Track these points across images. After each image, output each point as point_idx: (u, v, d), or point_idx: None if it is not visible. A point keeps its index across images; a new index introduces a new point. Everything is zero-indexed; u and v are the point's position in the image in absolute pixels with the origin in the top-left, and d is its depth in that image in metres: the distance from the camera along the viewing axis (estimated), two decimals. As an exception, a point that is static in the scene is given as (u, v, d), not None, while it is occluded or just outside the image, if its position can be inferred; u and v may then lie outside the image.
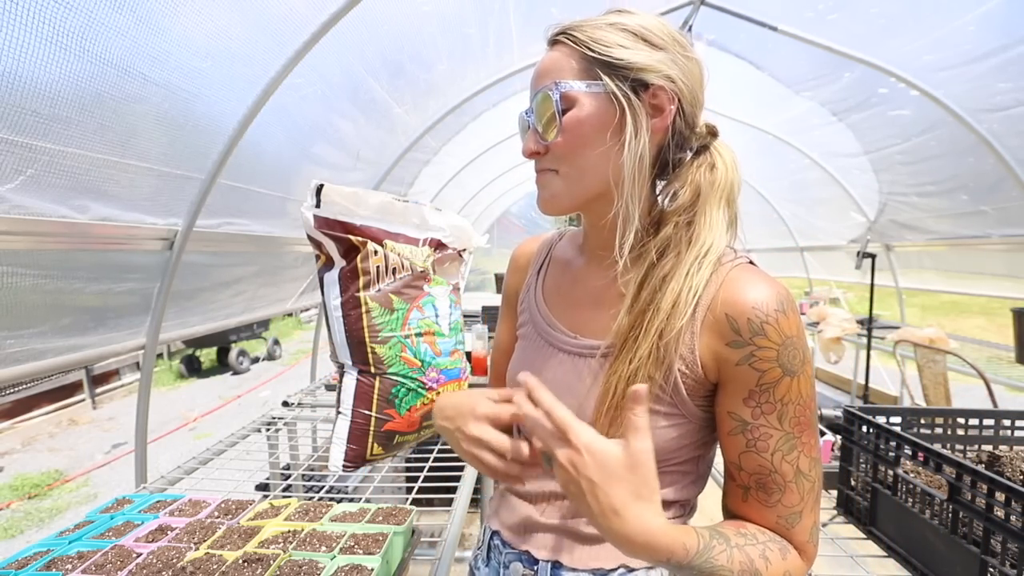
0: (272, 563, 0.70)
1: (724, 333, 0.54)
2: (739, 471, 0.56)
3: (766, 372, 0.52)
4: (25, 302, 1.29)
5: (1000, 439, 1.09)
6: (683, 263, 0.56)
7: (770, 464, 0.53)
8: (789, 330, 0.52)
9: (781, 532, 0.54)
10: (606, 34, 0.57)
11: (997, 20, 2.08)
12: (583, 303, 0.67)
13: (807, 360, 0.53)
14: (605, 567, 0.61)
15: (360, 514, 0.84)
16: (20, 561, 0.72)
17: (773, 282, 0.55)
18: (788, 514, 0.54)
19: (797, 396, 0.53)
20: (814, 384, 0.55)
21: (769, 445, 0.53)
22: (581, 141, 0.58)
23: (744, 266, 0.57)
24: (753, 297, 0.53)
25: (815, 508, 0.55)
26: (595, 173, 0.59)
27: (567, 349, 0.65)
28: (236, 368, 7.39)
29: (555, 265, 0.76)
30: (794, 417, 0.53)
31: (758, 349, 0.52)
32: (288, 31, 1.69)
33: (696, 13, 2.67)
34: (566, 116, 0.58)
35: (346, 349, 1.06)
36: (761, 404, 0.53)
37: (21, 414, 5.44)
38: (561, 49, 0.59)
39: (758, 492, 0.55)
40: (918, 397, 2.29)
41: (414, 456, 1.36)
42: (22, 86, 1.09)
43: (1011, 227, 2.95)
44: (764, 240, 6.16)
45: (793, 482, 0.53)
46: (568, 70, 0.58)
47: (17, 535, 3.38)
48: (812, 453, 0.54)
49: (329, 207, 1.00)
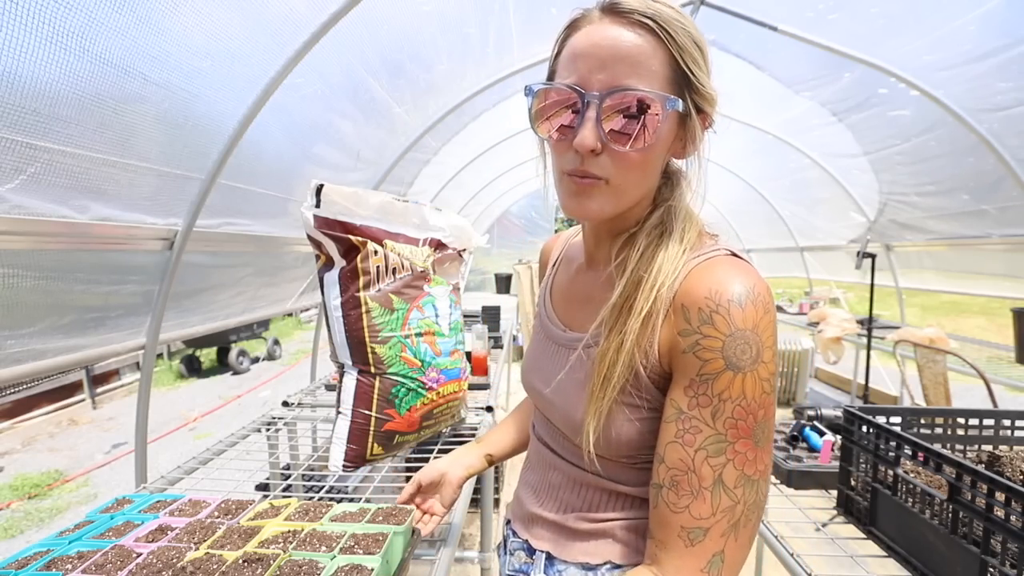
0: (272, 563, 0.70)
1: (678, 322, 0.53)
2: (660, 464, 0.52)
3: (708, 362, 0.49)
4: (25, 302, 1.29)
5: (1000, 439, 1.09)
6: (656, 261, 0.56)
7: (690, 461, 0.49)
8: (742, 323, 0.49)
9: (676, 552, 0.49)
10: (688, 43, 0.53)
11: (997, 20, 2.08)
12: (578, 299, 0.70)
13: (761, 360, 0.48)
14: (592, 562, 0.63)
15: (360, 514, 0.85)
16: (20, 561, 0.72)
17: (741, 275, 0.52)
18: (692, 527, 0.48)
19: (739, 395, 0.48)
20: (768, 392, 0.49)
21: (695, 440, 0.49)
22: (649, 159, 0.55)
23: (716, 258, 0.55)
24: (708, 287, 0.51)
25: (729, 538, 0.48)
26: (640, 191, 0.59)
27: (559, 342, 0.69)
28: (236, 368, 7.39)
29: (563, 263, 0.79)
30: (730, 418, 0.48)
31: (703, 338, 0.50)
32: (288, 31, 1.69)
33: (696, 13, 2.68)
34: (646, 125, 0.52)
35: (346, 349, 1.07)
36: (698, 395, 0.50)
37: (21, 414, 5.44)
38: (645, 36, 0.52)
39: (669, 493, 0.50)
40: (918, 397, 2.29)
41: (414, 456, 1.37)
42: (22, 85, 1.09)
43: (1011, 227, 2.95)
44: (764, 240, 6.16)
45: (709, 490, 0.48)
46: (655, 74, 0.52)
47: (17, 535, 3.38)
48: (746, 469, 0.48)
49: (329, 207, 1.00)
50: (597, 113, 0.52)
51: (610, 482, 0.63)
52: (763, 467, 0.49)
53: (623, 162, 0.54)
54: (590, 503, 0.65)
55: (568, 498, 0.67)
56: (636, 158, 0.54)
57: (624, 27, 0.52)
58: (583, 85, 0.52)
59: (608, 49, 0.51)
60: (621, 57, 0.51)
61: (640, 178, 0.57)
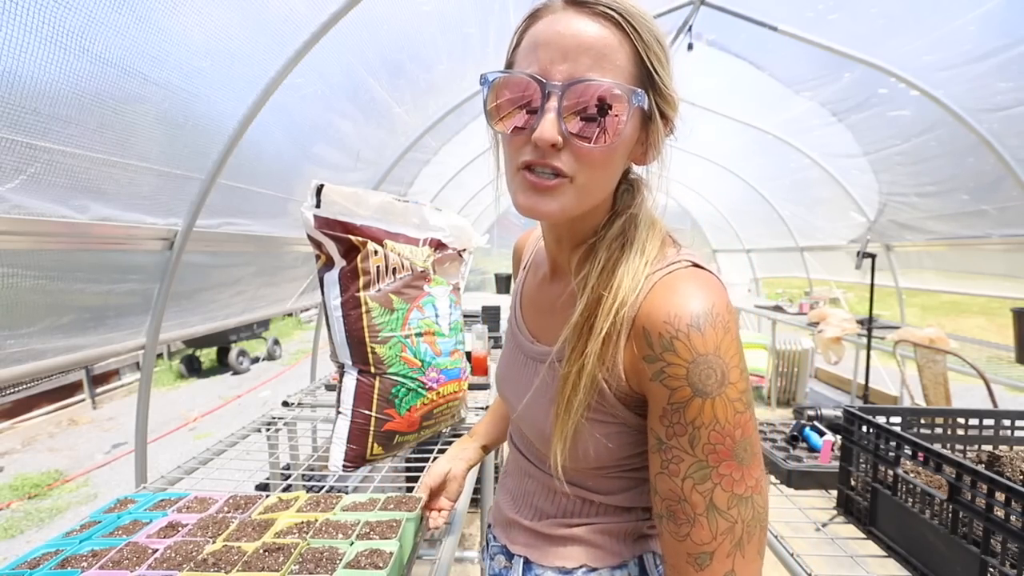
0: (293, 551, 0.71)
1: (640, 346, 0.51)
2: (655, 496, 0.52)
3: (676, 391, 0.48)
4: (25, 302, 1.29)
5: (1000, 439, 1.09)
6: (616, 277, 0.54)
7: (680, 491, 0.48)
8: (703, 348, 0.47)
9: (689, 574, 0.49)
10: (652, 40, 0.51)
11: (997, 20, 2.08)
12: (544, 310, 0.69)
13: (728, 382, 0.47)
14: (568, 566, 0.64)
15: (370, 504, 0.87)
16: (31, 562, 0.72)
17: (700, 293, 0.50)
18: (698, 552, 0.48)
19: (711, 420, 0.47)
20: (742, 411, 0.48)
21: (680, 469, 0.48)
22: (613, 158, 0.53)
23: (677, 273, 0.53)
24: (666, 311, 0.49)
25: (735, 556, 0.47)
26: (601, 191, 0.56)
27: (528, 354, 0.68)
28: (236, 368, 7.39)
29: (532, 268, 0.78)
30: (708, 444, 0.47)
31: (667, 366, 0.48)
32: (288, 31, 1.69)
33: (696, 13, 2.68)
34: (610, 121, 0.49)
35: (346, 349, 1.07)
36: (673, 424, 0.49)
37: (21, 414, 5.44)
38: (610, 29, 0.50)
39: (668, 522, 0.50)
40: (918, 397, 2.29)
41: (414, 456, 1.36)
42: (22, 85, 1.09)
43: (1011, 227, 2.95)
44: (764, 240, 6.16)
45: (704, 516, 0.47)
46: (620, 69, 0.50)
47: (17, 535, 3.38)
48: (735, 489, 0.47)
49: (329, 207, 1.00)
50: (559, 105, 0.49)
51: (583, 490, 0.64)
52: (753, 482, 0.48)
53: (586, 159, 0.51)
54: (564, 510, 0.66)
55: (543, 505, 0.68)
56: (600, 155, 0.51)
57: (588, 18, 0.49)
58: (544, 75, 0.49)
59: (571, 39, 0.49)
60: (585, 48, 0.49)
61: (604, 177, 0.54)
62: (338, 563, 0.70)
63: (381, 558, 0.71)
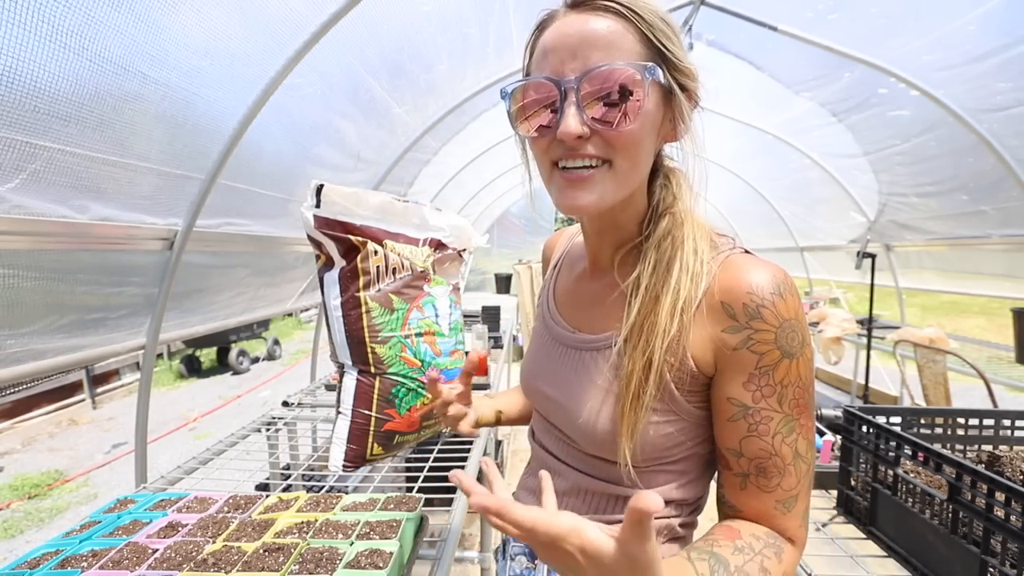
0: (293, 551, 0.71)
1: (720, 320, 0.54)
2: (739, 458, 0.55)
3: (765, 355, 0.52)
4: (25, 302, 1.29)
5: (1000, 439, 1.09)
6: (672, 277, 0.56)
7: (771, 447, 0.53)
8: (787, 312, 0.52)
9: (777, 518, 0.54)
10: (657, 20, 0.53)
11: (997, 20, 2.08)
12: (585, 303, 0.69)
13: (806, 342, 0.53)
14: None
15: (370, 504, 0.87)
16: (31, 562, 0.72)
17: (769, 266, 0.54)
18: (786, 498, 0.54)
19: (796, 378, 0.53)
20: (812, 367, 0.55)
21: (770, 428, 0.53)
22: (641, 136, 0.54)
23: (737, 256, 0.57)
24: (748, 282, 0.53)
25: (808, 491, 0.56)
26: (638, 173, 0.57)
27: (568, 343, 0.67)
28: (236, 368, 7.39)
29: (566, 264, 0.78)
30: (793, 399, 0.53)
31: (755, 332, 0.52)
32: (288, 31, 1.69)
33: (696, 13, 2.68)
34: (630, 101, 0.51)
35: (346, 349, 1.06)
36: (761, 387, 0.53)
37: (21, 414, 5.44)
38: (613, 19, 0.52)
39: (758, 478, 0.54)
40: (918, 397, 2.29)
41: (414, 456, 1.36)
42: (21, 84, 1.09)
43: (1011, 227, 2.95)
44: (764, 240, 6.16)
45: (792, 464, 0.53)
46: (629, 52, 0.51)
47: (17, 535, 3.38)
48: (808, 436, 0.55)
49: (329, 207, 1.00)
50: (577, 98, 0.51)
51: (616, 487, 0.63)
52: (813, 425, 0.56)
53: (616, 141, 0.53)
54: (596, 508, 0.65)
55: (574, 504, 0.67)
56: (628, 135, 0.53)
57: (590, 15, 0.52)
58: (558, 75, 0.52)
59: (576, 37, 0.51)
60: (591, 42, 0.51)
61: (637, 156, 0.55)
62: (338, 563, 0.70)
63: (381, 558, 0.71)
